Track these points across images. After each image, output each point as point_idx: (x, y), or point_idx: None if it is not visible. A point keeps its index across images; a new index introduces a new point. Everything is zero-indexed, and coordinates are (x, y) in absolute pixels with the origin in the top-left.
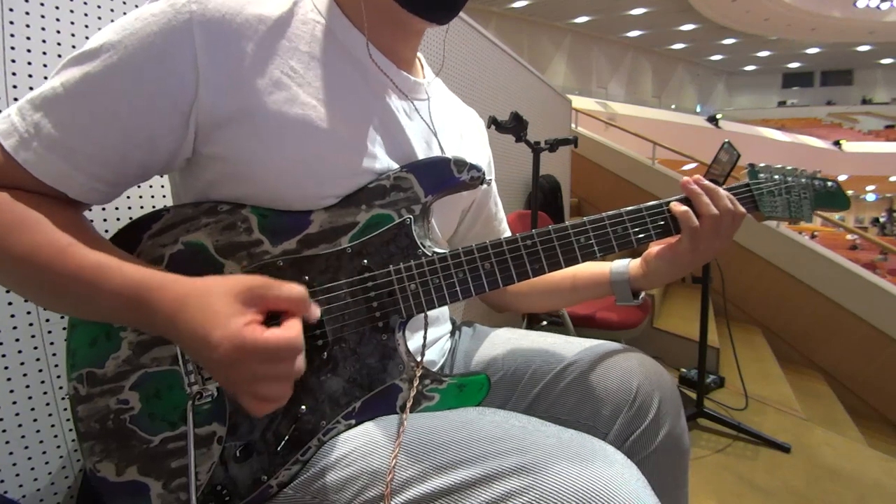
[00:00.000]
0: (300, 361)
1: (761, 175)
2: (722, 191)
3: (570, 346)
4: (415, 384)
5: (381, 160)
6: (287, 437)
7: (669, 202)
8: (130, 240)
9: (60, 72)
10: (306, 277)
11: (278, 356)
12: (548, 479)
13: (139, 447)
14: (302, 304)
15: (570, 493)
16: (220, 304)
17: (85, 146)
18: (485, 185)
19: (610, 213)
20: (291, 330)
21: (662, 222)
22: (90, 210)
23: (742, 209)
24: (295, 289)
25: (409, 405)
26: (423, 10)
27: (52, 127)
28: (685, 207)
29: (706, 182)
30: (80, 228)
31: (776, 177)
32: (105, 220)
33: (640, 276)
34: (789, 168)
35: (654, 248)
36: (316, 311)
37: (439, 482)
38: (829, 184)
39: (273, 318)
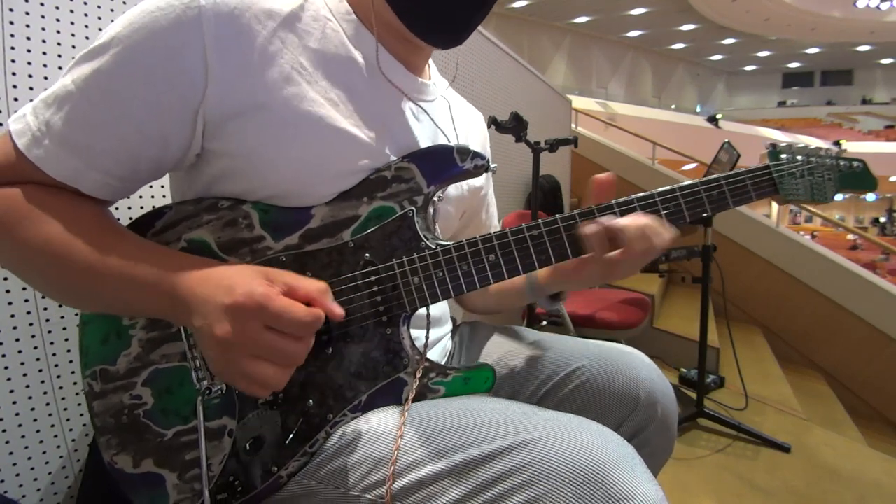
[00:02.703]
0: (304, 347)
1: (783, 156)
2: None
3: (577, 348)
4: (417, 376)
5: (387, 160)
6: (295, 430)
7: (677, 190)
8: None
9: (72, 69)
10: (309, 273)
11: (285, 324)
12: (547, 455)
13: (153, 440)
14: (322, 295)
15: (569, 468)
16: (246, 272)
17: (96, 142)
18: (489, 174)
19: (620, 199)
20: (311, 310)
21: (673, 208)
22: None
23: (657, 242)
24: (317, 281)
25: (410, 397)
26: (429, 36)
27: (62, 123)
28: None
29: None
30: (98, 219)
31: (798, 157)
32: None
33: (549, 282)
34: (812, 147)
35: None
36: (339, 310)
37: (441, 464)
38: (856, 163)
39: None
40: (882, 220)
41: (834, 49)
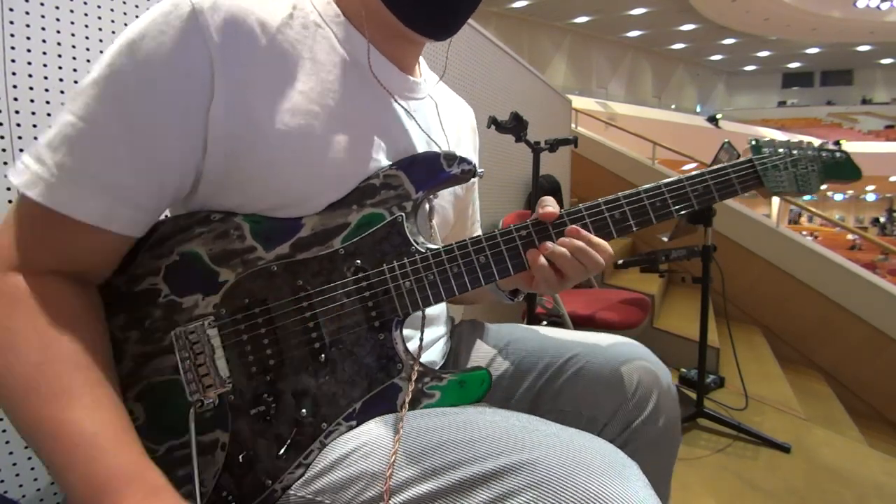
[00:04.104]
0: None
1: (765, 150)
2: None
3: (573, 339)
4: (412, 380)
5: (379, 167)
6: (289, 441)
7: (662, 186)
8: (128, 252)
9: (72, 105)
10: (300, 281)
11: None
12: (548, 478)
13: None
14: None
15: (570, 492)
16: None
17: (120, 176)
18: (477, 178)
19: (608, 197)
20: None
21: (660, 203)
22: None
23: (599, 259)
24: None
25: (406, 403)
26: (423, 27)
27: (81, 163)
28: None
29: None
30: (74, 332)
31: (780, 150)
32: None
33: (505, 282)
34: (794, 141)
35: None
36: None
37: (439, 482)
38: (838, 154)
39: None
40: (882, 220)
41: (834, 49)
